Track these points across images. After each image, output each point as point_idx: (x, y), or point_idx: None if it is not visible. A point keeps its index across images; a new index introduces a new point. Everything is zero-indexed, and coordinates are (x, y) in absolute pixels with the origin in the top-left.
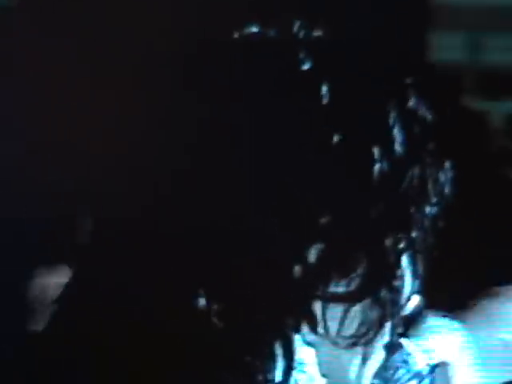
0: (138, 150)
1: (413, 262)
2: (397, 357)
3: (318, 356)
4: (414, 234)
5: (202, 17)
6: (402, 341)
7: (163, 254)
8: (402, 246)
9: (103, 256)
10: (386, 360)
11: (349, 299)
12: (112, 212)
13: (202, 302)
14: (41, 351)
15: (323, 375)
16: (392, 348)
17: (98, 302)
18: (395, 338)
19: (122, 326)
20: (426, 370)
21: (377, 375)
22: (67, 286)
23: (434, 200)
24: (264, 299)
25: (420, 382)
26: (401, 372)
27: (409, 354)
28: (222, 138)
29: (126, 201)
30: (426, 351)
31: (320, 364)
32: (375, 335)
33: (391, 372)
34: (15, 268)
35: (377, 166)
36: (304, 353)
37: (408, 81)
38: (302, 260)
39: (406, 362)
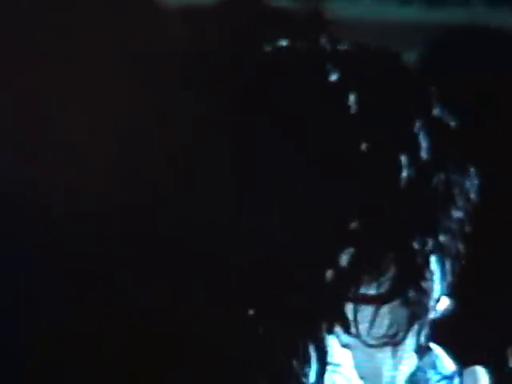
0: (141, 147)
1: (441, 265)
2: (426, 360)
3: (353, 358)
4: (440, 238)
5: (237, 30)
6: (431, 344)
7: (193, 259)
8: (429, 248)
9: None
10: (417, 363)
11: (379, 301)
12: (115, 214)
13: (238, 306)
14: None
15: (361, 377)
16: (422, 351)
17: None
18: (425, 341)
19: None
20: (454, 373)
21: (407, 378)
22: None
23: (460, 205)
24: (298, 302)
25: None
26: (430, 375)
27: (437, 357)
28: (259, 143)
29: (130, 202)
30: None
31: (356, 366)
32: (405, 336)
33: (421, 375)
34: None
35: (403, 172)
36: (340, 355)
37: (432, 90)
38: (334, 264)
39: (434, 365)
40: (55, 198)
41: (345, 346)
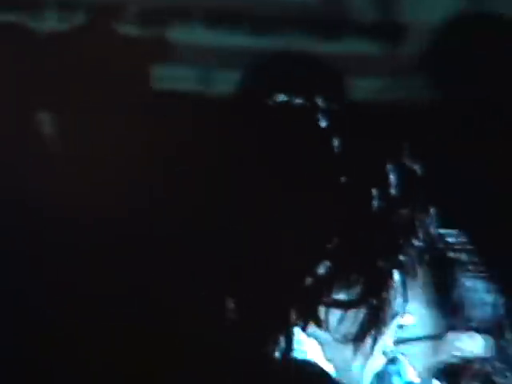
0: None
1: (402, 282)
2: (392, 366)
3: (325, 352)
4: (401, 259)
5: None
6: (398, 354)
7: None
8: (390, 266)
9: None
10: (384, 366)
11: (347, 306)
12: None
13: (222, 296)
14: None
15: (328, 360)
16: (388, 356)
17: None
18: (390, 349)
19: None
20: (416, 381)
21: (374, 376)
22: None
23: (420, 236)
24: (276, 300)
25: None
26: (394, 380)
27: (403, 366)
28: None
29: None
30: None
31: (328, 359)
32: (365, 335)
33: (387, 378)
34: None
35: (374, 203)
36: (314, 350)
37: (402, 142)
38: (313, 273)
39: (399, 373)
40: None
41: (319, 342)
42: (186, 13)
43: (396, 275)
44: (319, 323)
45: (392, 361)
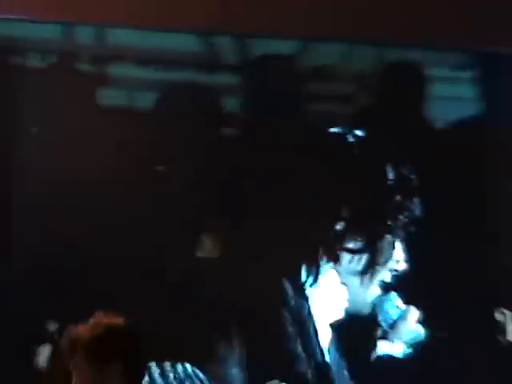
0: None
1: (392, 240)
2: (385, 295)
3: (340, 276)
4: (391, 225)
5: None
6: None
7: None
8: (384, 230)
9: None
10: (379, 294)
11: (355, 251)
12: None
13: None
14: None
15: (342, 283)
16: (385, 287)
17: None
18: (387, 283)
19: None
20: (405, 310)
21: (375, 301)
22: None
23: (406, 215)
24: (314, 245)
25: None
26: (387, 304)
27: (393, 295)
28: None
29: None
30: None
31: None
32: (367, 271)
33: (381, 303)
34: None
35: (377, 191)
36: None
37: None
38: (334, 229)
39: (390, 299)
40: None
41: (337, 272)
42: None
43: (388, 235)
44: (337, 261)
45: (385, 290)
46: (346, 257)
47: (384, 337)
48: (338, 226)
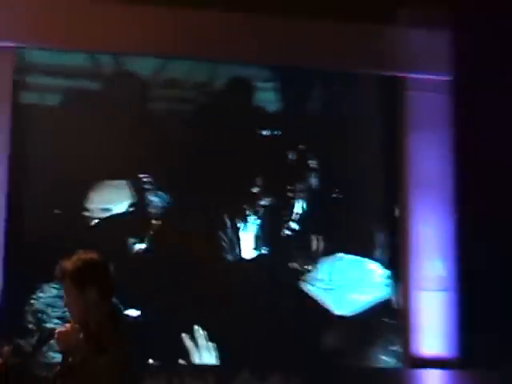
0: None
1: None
2: None
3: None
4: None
5: None
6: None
7: None
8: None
9: None
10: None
11: (266, 208)
12: None
13: None
14: None
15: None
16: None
17: None
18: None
19: None
20: None
21: None
22: None
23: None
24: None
25: None
26: None
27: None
28: None
29: None
30: None
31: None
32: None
33: None
34: None
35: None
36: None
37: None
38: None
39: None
40: None
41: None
42: None
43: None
44: (256, 213)
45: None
46: (261, 210)
47: None
48: (254, 190)
